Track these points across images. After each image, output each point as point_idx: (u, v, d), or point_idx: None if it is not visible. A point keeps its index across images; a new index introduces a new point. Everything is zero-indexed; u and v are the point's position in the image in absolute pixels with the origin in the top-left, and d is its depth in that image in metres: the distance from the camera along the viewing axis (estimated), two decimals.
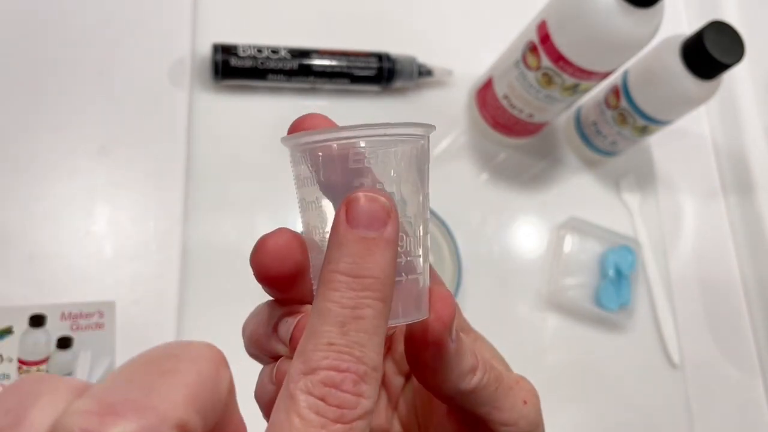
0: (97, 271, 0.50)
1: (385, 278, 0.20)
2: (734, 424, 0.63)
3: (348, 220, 0.21)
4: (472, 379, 0.24)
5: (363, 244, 0.20)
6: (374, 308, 0.20)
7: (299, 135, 0.22)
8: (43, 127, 0.53)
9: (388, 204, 0.21)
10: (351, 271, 0.20)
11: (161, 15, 0.58)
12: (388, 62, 0.61)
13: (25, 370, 0.46)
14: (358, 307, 0.20)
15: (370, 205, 0.21)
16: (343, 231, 0.21)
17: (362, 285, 0.20)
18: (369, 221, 0.20)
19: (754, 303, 0.67)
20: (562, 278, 0.62)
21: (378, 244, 0.20)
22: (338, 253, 0.20)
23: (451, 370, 0.23)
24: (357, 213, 0.21)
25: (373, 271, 0.20)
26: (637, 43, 0.49)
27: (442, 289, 0.24)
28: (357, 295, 0.20)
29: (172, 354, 0.18)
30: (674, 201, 0.69)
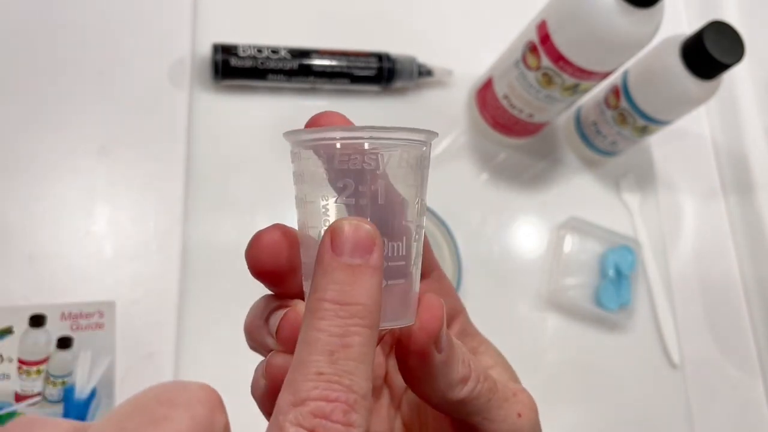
0: (97, 271, 0.50)
1: (372, 305, 0.20)
2: (734, 424, 0.63)
3: (333, 248, 0.21)
4: (462, 389, 0.24)
5: (349, 272, 0.20)
6: (362, 335, 0.20)
7: (310, 131, 0.22)
8: (43, 127, 0.53)
9: (373, 231, 0.21)
10: (338, 299, 0.20)
11: (161, 15, 0.58)
12: (388, 62, 0.61)
13: (25, 369, 0.46)
14: (346, 335, 0.20)
15: (355, 232, 0.21)
16: (328, 259, 0.21)
17: (349, 312, 0.20)
18: (354, 249, 0.20)
19: (754, 303, 0.67)
20: (562, 278, 0.62)
21: (364, 271, 0.20)
22: (324, 280, 0.20)
23: (439, 379, 0.23)
24: (342, 241, 0.20)
25: (360, 297, 0.20)
26: (637, 43, 0.49)
27: (431, 298, 0.23)
28: (345, 323, 0.20)
29: (165, 399, 0.18)
30: (674, 201, 0.69)
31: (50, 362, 0.47)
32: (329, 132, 0.22)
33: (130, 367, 0.48)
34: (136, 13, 0.58)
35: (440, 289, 0.28)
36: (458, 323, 0.29)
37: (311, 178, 0.22)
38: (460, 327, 0.28)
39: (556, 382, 0.60)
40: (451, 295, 0.28)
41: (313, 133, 0.22)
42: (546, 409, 0.29)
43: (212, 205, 0.56)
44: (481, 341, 0.29)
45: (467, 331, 0.29)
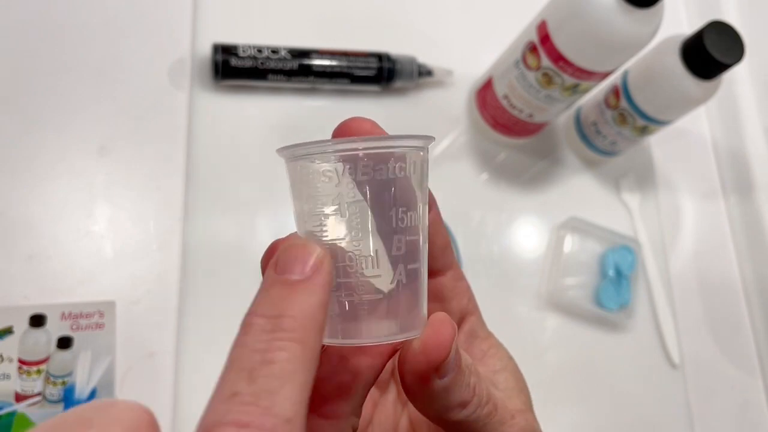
0: (97, 271, 0.50)
1: (304, 318, 0.18)
2: (734, 424, 0.63)
3: (276, 266, 0.20)
4: (459, 413, 0.23)
5: (285, 287, 0.19)
6: (289, 351, 0.18)
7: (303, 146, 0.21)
8: (44, 127, 0.53)
9: (321, 252, 0.20)
10: (267, 313, 0.18)
11: (161, 15, 0.58)
12: (388, 62, 0.61)
13: (25, 369, 0.46)
14: (269, 351, 0.18)
15: (300, 251, 0.20)
16: (269, 277, 0.19)
17: (276, 325, 0.18)
18: (296, 266, 0.19)
19: (754, 303, 0.67)
20: (562, 278, 0.62)
21: (303, 286, 0.19)
22: (259, 297, 0.19)
23: (436, 401, 0.23)
24: (284, 258, 0.20)
25: (291, 310, 0.18)
26: (637, 43, 0.49)
27: (442, 320, 0.22)
28: (270, 338, 0.18)
29: (84, 418, 0.16)
30: (674, 201, 0.69)
31: (50, 362, 0.47)
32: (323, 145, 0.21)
33: (130, 367, 0.48)
34: (136, 13, 0.58)
35: (454, 288, 0.27)
36: (468, 324, 0.28)
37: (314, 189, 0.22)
38: (470, 328, 0.28)
39: (556, 382, 0.60)
40: (464, 296, 0.28)
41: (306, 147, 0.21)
42: (546, 409, 0.29)
43: (212, 205, 0.56)
44: (492, 344, 0.28)
45: (477, 334, 0.28)
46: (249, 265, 0.54)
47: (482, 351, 0.28)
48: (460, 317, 0.28)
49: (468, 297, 0.28)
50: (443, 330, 0.21)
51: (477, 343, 0.28)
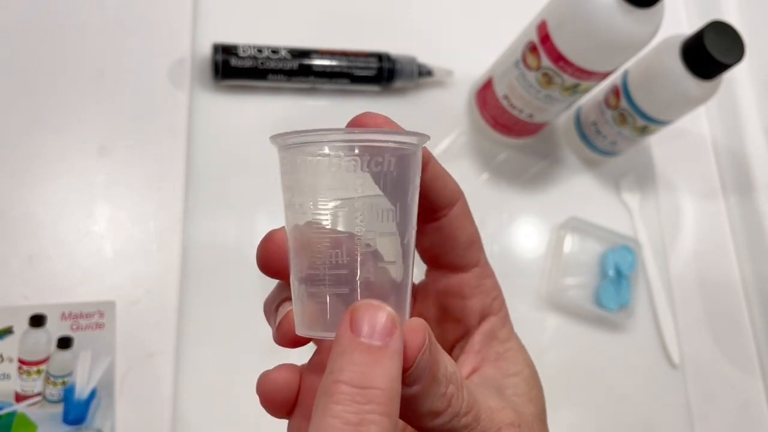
0: (97, 271, 0.50)
1: (390, 391, 0.19)
2: (734, 424, 0.63)
3: (352, 329, 0.20)
4: (432, 421, 0.22)
5: (368, 354, 0.19)
6: (379, 425, 0.18)
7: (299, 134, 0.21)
8: (43, 127, 0.53)
9: (394, 314, 0.20)
10: (355, 381, 0.19)
11: (161, 15, 0.58)
12: (388, 62, 0.61)
13: (25, 369, 0.46)
14: (362, 424, 0.18)
15: (376, 314, 0.20)
16: (347, 340, 0.20)
17: (367, 398, 0.19)
18: (373, 330, 0.19)
19: (754, 303, 0.67)
20: (562, 278, 0.62)
21: (384, 354, 0.19)
22: (342, 361, 0.19)
23: (407, 407, 0.22)
24: (362, 322, 0.20)
25: (379, 382, 0.19)
26: (637, 43, 0.49)
27: (410, 332, 0.21)
28: (361, 409, 0.18)
29: None
30: (674, 201, 0.69)
31: (50, 362, 0.47)
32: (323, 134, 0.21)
33: (130, 367, 0.48)
34: (137, 13, 0.58)
35: (477, 287, 0.27)
36: (488, 324, 0.28)
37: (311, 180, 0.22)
38: (489, 329, 0.28)
39: (556, 382, 0.60)
40: (488, 295, 0.28)
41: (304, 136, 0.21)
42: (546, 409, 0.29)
43: (212, 205, 0.56)
44: (510, 347, 0.28)
45: (495, 335, 0.28)
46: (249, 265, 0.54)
47: (498, 353, 0.28)
48: (481, 316, 0.28)
49: (493, 296, 0.28)
50: (411, 340, 0.21)
51: (494, 345, 0.28)
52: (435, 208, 0.26)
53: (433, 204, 0.25)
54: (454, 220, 0.26)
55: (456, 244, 0.26)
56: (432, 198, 0.25)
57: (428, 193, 0.25)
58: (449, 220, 0.26)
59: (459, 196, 0.26)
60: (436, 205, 0.25)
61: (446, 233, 0.26)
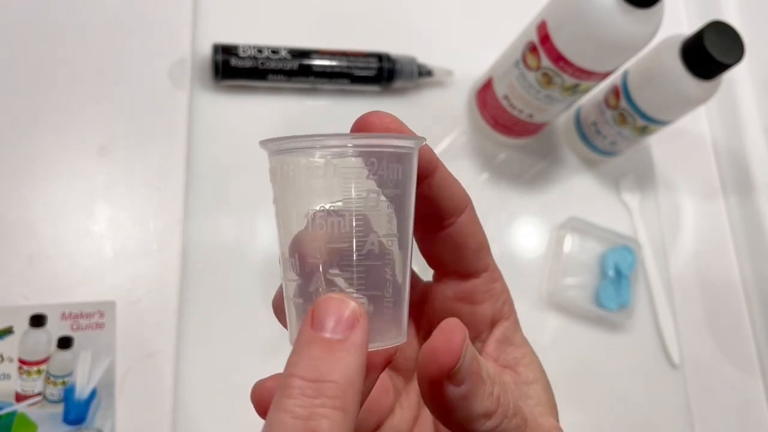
0: (97, 271, 0.50)
1: (346, 384, 0.18)
2: (734, 424, 0.63)
3: (312, 323, 0.19)
4: (484, 424, 0.22)
5: (325, 347, 0.19)
6: (332, 419, 0.18)
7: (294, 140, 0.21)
8: (44, 127, 0.53)
9: (358, 309, 0.19)
10: (308, 375, 0.18)
11: (161, 15, 0.58)
12: (388, 62, 0.61)
13: (26, 369, 0.46)
14: (311, 418, 0.17)
15: (338, 307, 0.19)
16: (305, 334, 0.19)
17: (318, 391, 0.18)
18: (335, 325, 0.19)
19: (754, 303, 0.67)
20: (562, 278, 0.62)
21: (342, 347, 0.19)
22: (298, 356, 0.19)
23: (457, 411, 0.21)
24: (322, 315, 0.19)
25: (334, 375, 0.18)
26: (637, 43, 0.49)
27: (450, 325, 0.21)
28: (311, 403, 0.18)
29: None
30: (674, 201, 0.69)
31: (50, 362, 0.47)
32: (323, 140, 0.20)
33: (130, 367, 0.48)
34: (137, 13, 0.58)
35: (487, 291, 0.26)
36: (500, 330, 0.27)
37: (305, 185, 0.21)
38: (502, 334, 0.27)
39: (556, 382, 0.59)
40: (498, 299, 0.27)
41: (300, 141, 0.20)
42: None
43: (212, 205, 0.56)
44: (525, 353, 0.27)
45: (510, 340, 0.27)
46: (249, 265, 0.54)
47: (515, 359, 0.27)
48: (492, 321, 0.27)
49: (503, 300, 0.27)
50: (453, 336, 0.20)
51: (510, 351, 0.27)
52: (443, 216, 0.25)
53: (442, 212, 0.25)
54: (462, 228, 0.25)
55: (465, 252, 0.26)
56: (440, 206, 0.25)
57: (436, 201, 0.24)
58: (457, 229, 0.25)
59: (467, 203, 0.25)
60: (444, 213, 0.25)
61: (455, 241, 0.25)
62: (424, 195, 0.24)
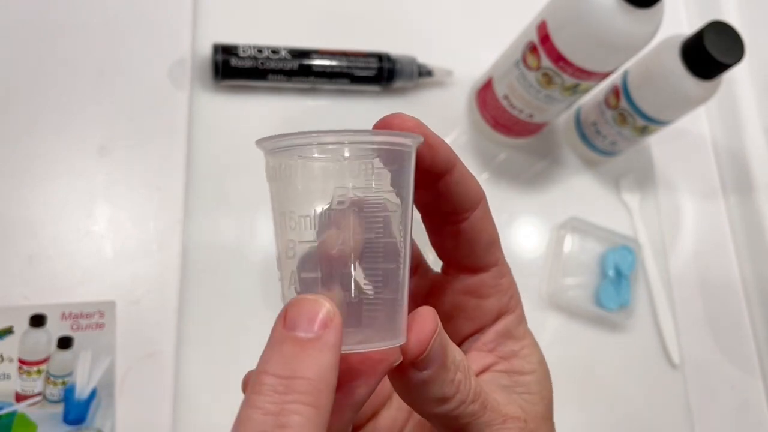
0: (97, 271, 0.50)
1: (318, 381, 0.18)
2: (734, 424, 0.63)
3: (285, 323, 0.19)
4: (439, 407, 0.23)
5: (297, 345, 0.19)
6: (303, 415, 0.17)
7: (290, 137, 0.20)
8: (44, 127, 0.53)
9: (331, 308, 0.19)
10: (279, 372, 0.18)
11: (161, 15, 0.58)
12: (388, 62, 0.61)
13: (26, 369, 0.46)
14: (282, 414, 0.17)
15: (311, 307, 0.19)
16: (278, 332, 0.19)
17: (289, 387, 0.18)
18: (307, 324, 0.19)
19: (754, 303, 0.67)
20: (562, 278, 0.62)
21: (314, 345, 0.19)
22: (269, 353, 0.19)
23: (414, 393, 0.23)
24: (294, 315, 0.19)
25: (305, 371, 0.18)
26: (637, 43, 0.49)
27: (424, 314, 0.22)
28: (282, 399, 0.18)
29: None
30: (674, 201, 0.69)
31: (50, 362, 0.47)
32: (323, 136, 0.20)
33: (130, 367, 0.48)
34: (137, 13, 0.58)
35: (494, 286, 0.27)
36: (503, 323, 0.28)
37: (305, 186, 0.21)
38: (504, 327, 0.27)
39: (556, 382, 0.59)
40: (505, 294, 0.27)
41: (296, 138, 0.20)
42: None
43: (212, 205, 0.56)
44: (525, 345, 0.28)
45: (511, 333, 0.28)
46: (249, 265, 0.54)
47: (513, 351, 0.27)
48: (497, 315, 0.27)
49: (510, 294, 0.28)
50: (424, 326, 0.21)
51: (509, 343, 0.27)
52: (458, 210, 0.25)
53: (457, 207, 0.25)
54: (476, 223, 0.25)
55: (477, 246, 0.26)
56: (457, 201, 0.25)
57: (453, 197, 0.24)
58: (471, 224, 0.25)
59: (482, 197, 0.26)
60: (460, 208, 0.25)
61: (468, 236, 0.25)
62: (441, 191, 0.24)
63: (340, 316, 0.19)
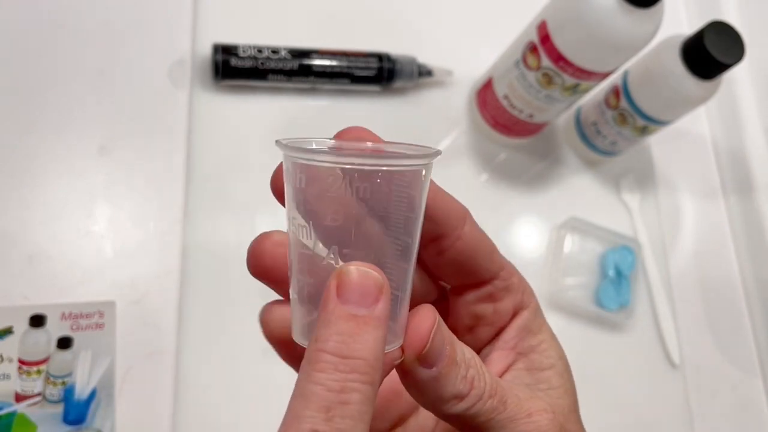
0: (97, 271, 0.50)
1: (373, 360, 0.19)
2: (734, 424, 0.63)
3: (339, 295, 0.20)
4: (455, 405, 0.23)
5: (353, 323, 0.20)
6: (362, 393, 0.19)
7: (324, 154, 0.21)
8: (43, 127, 0.53)
9: (380, 278, 0.20)
10: (339, 351, 0.19)
11: (161, 15, 0.58)
12: (388, 62, 0.61)
13: (25, 370, 0.46)
14: (344, 391, 0.19)
15: (363, 280, 0.20)
16: (332, 306, 0.20)
17: (350, 366, 0.19)
18: (360, 297, 0.20)
19: (754, 303, 0.67)
20: (562, 278, 0.62)
21: (368, 323, 0.20)
22: (326, 331, 0.20)
23: (428, 392, 0.23)
24: (348, 288, 0.20)
25: (362, 352, 0.19)
26: (637, 43, 0.49)
27: (421, 310, 0.22)
28: (344, 378, 0.19)
29: None
30: (674, 201, 0.69)
31: (50, 362, 0.47)
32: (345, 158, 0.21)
33: (130, 367, 0.48)
34: (137, 13, 0.58)
35: (505, 288, 0.27)
36: (520, 319, 0.28)
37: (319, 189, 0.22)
38: (522, 323, 0.28)
39: None
40: (518, 292, 0.27)
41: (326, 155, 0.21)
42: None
43: (212, 205, 0.56)
44: (542, 339, 0.28)
45: (529, 328, 0.28)
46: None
47: (531, 346, 0.27)
48: (514, 313, 0.28)
49: (522, 290, 0.28)
50: (422, 321, 0.22)
51: (528, 338, 0.27)
52: (447, 232, 0.25)
53: (445, 229, 0.25)
54: (470, 239, 0.25)
55: (479, 260, 0.26)
56: (442, 223, 0.24)
57: (438, 220, 0.24)
58: (465, 241, 0.25)
59: (466, 211, 0.25)
60: (449, 229, 0.25)
61: (468, 254, 0.25)
62: (426, 217, 0.24)
63: (388, 286, 0.20)
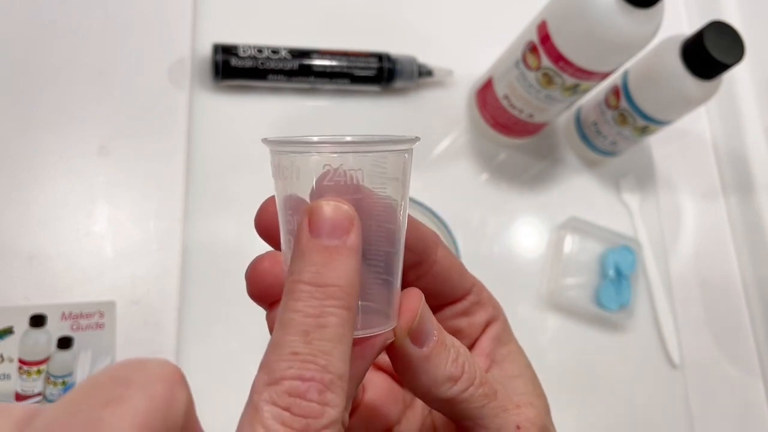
0: (97, 271, 0.50)
1: (348, 286, 0.20)
2: (734, 424, 0.63)
3: (311, 230, 0.21)
4: (450, 388, 0.23)
5: (326, 253, 0.20)
6: (338, 316, 0.20)
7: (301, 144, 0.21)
8: (43, 127, 0.53)
9: (351, 212, 0.21)
10: (314, 280, 0.20)
11: (161, 15, 0.58)
12: (389, 62, 0.61)
13: (26, 370, 0.46)
14: (321, 316, 0.20)
15: (333, 213, 0.21)
16: (305, 240, 0.21)
17: (325, 294, 0.20)
18: (331, 229, 0.20)
19: (754, 303, 0.67)
20: (562, 278, 0.62)
21: (341, 252, 0.20)
22: (301, 262, 0.20)
23: (421, 374, 0.23)
24: (319, 222, 0.21)
25: (336, 279, 0.20)
26: (637, 43, 0.49)
27: (409, 290, 0.23)
28: (321, 304, 0.20)
29: (121, 377, 0.17)
30: (674, 201, 0.69)
31: (51, 362, 0.47)
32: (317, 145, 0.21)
33: None
34: (137, 13, 0.58)
35: (476, 303, 0.28)
36: (493, 330, 0.28)
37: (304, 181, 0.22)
38: (495, 334, 0.28)
39: (556, 382, 0.60)
40: (489, 306, 0.28)
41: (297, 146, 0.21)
42: None
43: (212, 205, 0.56)
44: (511, 350, 0.29)
45: (500, 339, 0.29)
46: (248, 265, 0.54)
47: (502, 356, 0.28)
48: (486, 325, 0.28)
49: (492, 304, 0.29)
50: (410, 297, 0.23)
51: (498, 349, 0.28)
52: (422, 259, 0.26)
53: (419, 256, 0.25)
54: (445, 262, 0.26)
55: (453, 281, 0.27)
56: (418, 250, 0.25)
57: (413, 247, 0.25)
58: (441, 265, 0.26)
59: (437, 237, 0.26)
60: (423, 254, 0.25)
61: (443, 276, 0.26)
62: None
63: (358, 217, 0.21)
